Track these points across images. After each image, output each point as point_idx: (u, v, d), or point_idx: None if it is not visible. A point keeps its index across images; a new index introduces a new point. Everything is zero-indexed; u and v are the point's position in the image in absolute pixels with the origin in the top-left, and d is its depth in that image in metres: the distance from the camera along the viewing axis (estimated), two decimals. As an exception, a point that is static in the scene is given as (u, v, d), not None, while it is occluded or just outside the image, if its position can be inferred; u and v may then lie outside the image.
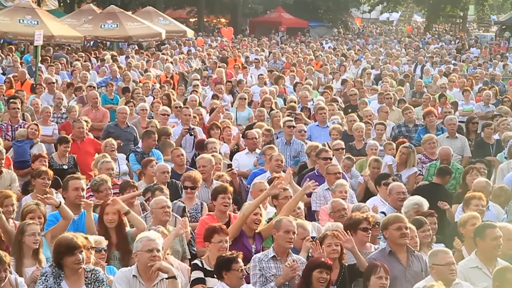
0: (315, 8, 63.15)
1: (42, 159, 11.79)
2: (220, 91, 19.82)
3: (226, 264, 7.36)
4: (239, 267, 7.31)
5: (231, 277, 7.31)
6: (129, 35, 33.16)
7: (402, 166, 13.02)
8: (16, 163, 12.88)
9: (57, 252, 6.90)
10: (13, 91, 18.66)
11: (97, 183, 9.84)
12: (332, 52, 37.58)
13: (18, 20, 30.41)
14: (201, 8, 59.17)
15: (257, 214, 8.81)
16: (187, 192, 10.40)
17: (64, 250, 6.84)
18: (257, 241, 8.83)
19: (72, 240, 6.90)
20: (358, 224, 8.51)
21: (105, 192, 9.67)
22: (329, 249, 7.93)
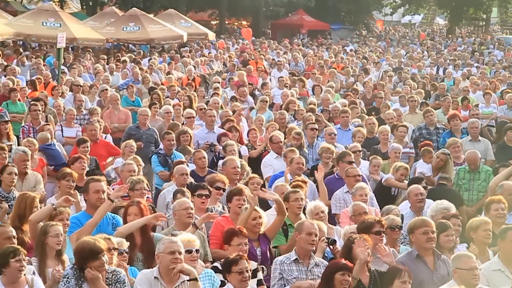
0: (337, 11, 62.96)
1: (82, 161, 11.68)
2: (243, 94, 19.83)
3: (226, 266, 7.41)
4: (238, 269, 7.30)
5: (232, 279, 7.34)
6: (151, 38, 33.26)
7: (436, 172, 12.94)
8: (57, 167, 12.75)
9: (80, 258, 6.93)
10: (37, 93, 18.76)
11: (133, 181, 9.89)
12: (353, 55, 37.48)
13: (41, 23, 30.66)
14: (222, 10, 59.24)
15: (256, 218, 8.82)
16: (218, 193, 10.41)
17: (88, 255, 6.88)
18: (262, 243, 8.84)
19: (95, 244, 6.94)
20: (370, 227, 8.46)
21: (140, 191, 9.72)
22: (359, 251, 7.86)
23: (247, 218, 8.86)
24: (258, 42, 47.16)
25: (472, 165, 12.67)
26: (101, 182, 9.23)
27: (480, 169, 12.71)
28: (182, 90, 20.67)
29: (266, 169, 13.19)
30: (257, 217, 8.84)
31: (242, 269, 7.31)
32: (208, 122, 14.89)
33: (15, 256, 7.01)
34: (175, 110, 16.60)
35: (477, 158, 12.79)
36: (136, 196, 9.63)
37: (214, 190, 10.30)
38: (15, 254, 7.03)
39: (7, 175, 10.40)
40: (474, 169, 12.68)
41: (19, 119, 16.54)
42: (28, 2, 56.74)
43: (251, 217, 8.83)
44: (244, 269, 7.31)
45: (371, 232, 8.37)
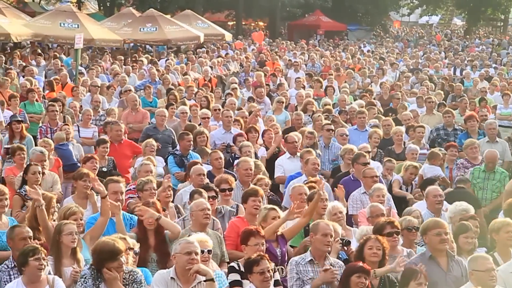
0: (354, 11, 62.88)
1: (94, 161, 11.73)
2: (261, 95, 19.83)
3: (248, 267, 7.41)
4: (259, 270, 7.30)
5: (254, 279, 7.35)
6: (168, 39, 33.33)
7: None
8: (65, 167, 12.92)
9: (99, 258, 6.96)
10: (55, 94, 18.85)
11: (142, 182, 9.92)
12: (370, 56, 37.41)
13: (59, 24, 30.79)
14: (239, 11, 59.27)
15: (275, 218, 8.81)
16: (225, 194, 10.41)
17: (107, 256, 6.90)
18: (281, 243, 8.82)
19: (114, 245, 6.97)
20: (382, 230, 8.47)
21: (150, 192, 9.73)
22: (370, 252, 7.90)
23: (277, 227, 8.79)
24: (275, 43, 47.14)
25: (490, 164, 12.63)
26: (120, 183, 9.24)
27: (495, 169, 12.65)
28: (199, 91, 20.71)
29: (277, 169, 13.24)
30: (277, 217, 8.83)
31: (264, 269, 7.32)
32: (225, 123, 14.90)
33: (34, 255, 7.05)
34: (192, 110, 16.61)
35: (496, 157, 12.76)
36: (146, 197, 9.66)
37: (220, 192, 10.33)
38: (34, 253, 7.07)
39: (32, 174, 10.45)
40: (490, 168, 12.65)
41: (37, 120, 16.63)
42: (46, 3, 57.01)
43: (271, 217, 8.80)
44: (265, 269, 7.32)
45: (382, 235, 8.36)
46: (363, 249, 7.96)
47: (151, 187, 9.81)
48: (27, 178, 10.48)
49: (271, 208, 9.04)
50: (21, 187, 10.41)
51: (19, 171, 11.70)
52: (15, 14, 36.42)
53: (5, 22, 29.94)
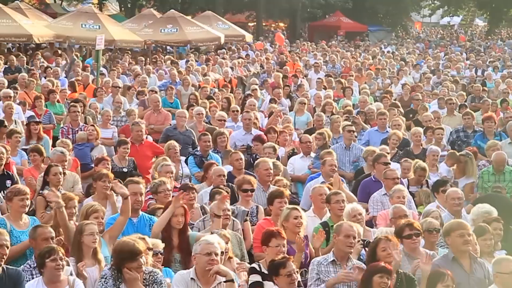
0: (375, 12, 62.70)
1: (105, 162, 11.85)
2: (278, 96, 19.81)
3: (274, 269, 7.39)
4: (286, 272, 7.29)
5: (280, 281, 7.33)
6: (188, 40, 33.42)
7: (460, 174, 12.85)
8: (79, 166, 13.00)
9: (119, 258, 6.98)
10: (77, 95, 18.95)
11: (155, 184, 9.94)
12: (391, 57, 37.29)
13: (80, 25, 30.96)
14: (260, 12, 59.27)
15: (297, 217, 8.77)
16: (246, 195, 10.40)
17: (127, 256, 6.92)
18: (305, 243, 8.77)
19: (134, 245, 6.98)
20: (401, 232, 8.44)
21: (164, 193, 9.74)
22: (384, 253, 7.84)
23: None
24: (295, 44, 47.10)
25: (501, 167, 12.51)
26: (140, 184, 9.25)
27: (504, 170, 12.52)
28: (219, 92, 20.74)
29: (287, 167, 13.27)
30: (298, 216, 8.80)
31: (291, 271, 7.31)
32: (244, 125, 14.90)
33: (50, 256, 7.09)
34: (211, 111, 16.63)
35: (504, 160, 12.63)
36: (161, 199, 9.69)
37: (241, 193, 10.31)
38: (50, 254, 7.10)
39: (53, 176, 10.49)
40: (500, 171, 12.51)
41: (58, 120, 16.72)
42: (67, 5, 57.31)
43: (292, 216, 8.78)
44: (292, 271, 7.32)
45: (402, 237, 8.32)
46: (375, 251, 7.91)
47: (165, 189, 9.82)
48: (48, 180, 10.53)
49: (293, 208, 9.00)
50: (43, 188, 10.46)
51: (37, 172, 11.79)
52: (37, 16, 36.66)
53: (27, 23, 30.17)
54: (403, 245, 8.28)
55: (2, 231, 7.34)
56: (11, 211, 8.84)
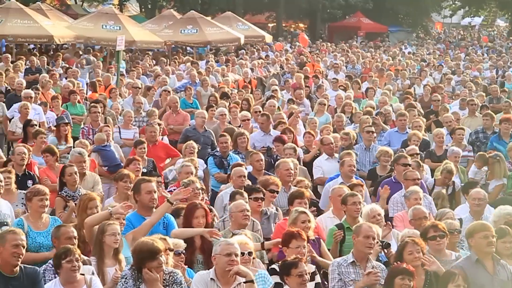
0: (395, 13, 62.51)
1: (136, 162, 11.76)
2: (300, 97, 19.79)
3: (285, 269, 7.40)
4: (297, 272, 7.30)
5: (291, 282, 7.34)
6: (208, 40, 33.49)
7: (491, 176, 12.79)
8: (110, 168, 13.03)
9: (139, 258, 7.00)
10: (97, 95, 19.03)
11: (184, 183, 9.95)
12: (411, 57, 37.14)
13: (101, 26, 31.11)
14: (279, 13, 59.28)
15: (305, 221, 8.74)
16: (272, 196, 10.39)
17: (146, 256, 6.94)
18: (313, 247, 8.76)
19: (153, 245, 7.00)
20: (425, 234, 8.42)
21: (193, 192, 9.75)
22: (410, 256, 7.84)
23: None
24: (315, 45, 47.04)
25: None
26: (152, 182, 9.25)
27: None
28: (239, 93, 20.75)
29: (315, 170, 13.22)
30: (306, 220, 8.77)
31: (302, 272, 7.31)
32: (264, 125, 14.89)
33: (66, 257, 7.12)
34: (231, 112, 16.64)
35: None
36: (190, 198, 9.67)
37: (268, 192, 10.30)
38: (66, 255, 7.13)
39: (68, 176, 10.53)
40: None
41: (79, 121, 16.80)
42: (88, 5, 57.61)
43: (300, 220, 8.76)
44: (303, 272, 7.31)
45: (427, 239, 8.29)
46: (402, 255, 7.89)
47: (194, 187, 9.84)
48: (64, 180, 10.57)
49: (301, 211, 8.95)
50: (61, 189, 10.51)
51: (52, 172, 11.85)
52: (58, 16, 36.88)
53: (48, 24, 30.36)
54: (428, 246, 8.24)
55: (18, 230, 7.36)
56: (30, 211, 8.89)
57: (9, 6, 31.26)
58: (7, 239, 7.09)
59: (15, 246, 7.06)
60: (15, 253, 7.04)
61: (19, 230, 7.39)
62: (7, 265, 7.05)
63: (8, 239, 7.09)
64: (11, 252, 7.04)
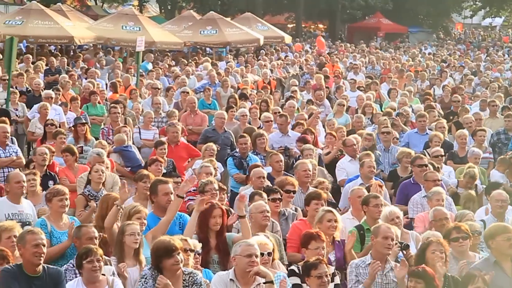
0: (415, 14, 62.30)
1: (158, 163, 11.78)
2: (320, 98, 19.76)
3: (305, 270, 7.40)
4: (317, 274, 7.28)
5: (311, 283, 7.33)
6: (227, 41, 33.55)
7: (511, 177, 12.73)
8: (133, 168, 13.03)
9: (155, 255, 7.00)
10: (117, 96, 19.10)
11: (202, 183, 9.95)
12: (431, 58, 36.97)
13: (121, 27, 31.27)
14: (299, 14, 59.29)
15: (331, 220, 8.73)
16: (288, 196, 10.37)
17: (163, 253, 6.94)
18: (337, 249, 8.76)
19: (169, 242, 7.00)
20: (448, 235, 8.39)
21: (211, 193, 9.75)
22: (433, 255, 7.80)
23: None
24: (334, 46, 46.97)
25: None
26: (169, 184, 9.26)
27: None
28: (258, 94, 20.75)
29: (339, 172, 13.15)
30: (333, 220, 8.76)
31: (322, 273, 7.30)
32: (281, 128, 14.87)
33: (86, 258, 7.15)
34: (251, 113, 16.64)
35: None
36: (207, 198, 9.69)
37: (284, 193, 10.30)
38: (87, 256, 7.16)
39: (94, 172, 10.59)
40: None
41: (99, 122, 16.87)
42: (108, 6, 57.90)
43: (326, 219, 8.75)
44: (323, 274, 7.30)
45: (450, 240, 8.25)
46: (425, 253, 7.85)
47: (212, 188, 9.84)
48: (90, 177, 10.62)
49: (328, 210, 8.97)
50: (85, 187, 10.55)
51: (71, 172, 11.91)
52: (78, 17, 37.11)
53: (69, 25, 30.54)
54: (451, 248, 8.20)
55: (37, 230, 7.38)
56: (51, 211, 8.92)
57: (30, 7, 31.51)
58: (27, 239, 7.12)
59: (35, 245, 7.09)
60: (36, 253, 7.07)
61: (38, 230, 7.41)
62: (29, 265, 7.09)
63: (28, 239, 7.12)
64: (32, 252, 7.07)
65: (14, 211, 9.34)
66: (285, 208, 10.06)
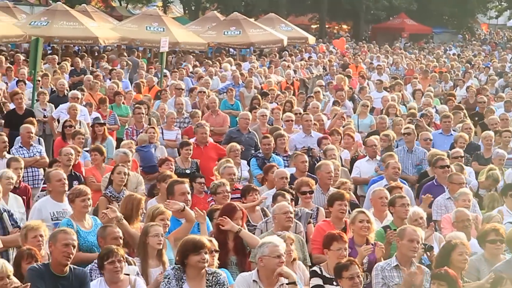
0: (440, 14, 61.96)
1: (169, 163, 11.93)
2: (341, 98, 19.73)
3: (338, 272, 7.39)
4: (349, 275, 7.28)
5: (343, 284, 7.32)
6: (251, 42, 33.56)
7: None
8: (145, 168, 13.14)
9: (182, 251, 7.05)
10: (141, 96, 19.18)
11: (215, 185, 9.99)
12: (456, 59, 36.76)
13: (145, 27, 31.40)
14: (323, 14, 59.18)
15: (362, 221, 8.71)
16: (305, 197, 10.37)
17: (190, 248, 6.98)
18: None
19: (199, 240, 7.06)
20: (485, 236, 8.34)
21: (223, 195, 9.77)
22: (460, 258, 7.78)
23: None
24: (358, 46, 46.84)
25: None
26: (185, 184, 9.27)
27: None
28: (282, 94, 20.74)
29: (353, 170, 13.25)
30: (365, 220, 8.74)
31: (353, 274, 7.30)
32: (305, 127, 14.87)
33: (108, 259, 7.18)
34: (274, 114, 16.64)
35: None
36: (219, 200, 9.74)
37: (300, 194, 10.29)
38: (108, 257, 7.19)
39: (117, 174, 10.59)
40: None
41: (123, 122, 16.94)
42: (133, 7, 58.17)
43: (358, 219, 8.73)
44: (355, 275, 7.30)
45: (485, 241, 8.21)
46: (450, 255, 7.81)
47: (224, 190, 9.86)
48: (112, 178, 10.68)
49: (360, 211, 8.96)
50: (107, 188, 10.62)
51: (98, 171, 11.97)
52: (103, 18, 37.30)
53: (94, 26, 30.72)
54: (484, 249, 8.13)
55: (69, 230, 7.44)
56: (74, 212, 8.97)
57: (55, 8, 31.75)
58: (58, 238, 7.18)
59: (66, 245, 7.14)
60: (65, 253, 7.12)
61: (70, 230, 7.47)
62: (57, 264, 7.14)
63: (59, 238, 7.18)
64: (61, 251, 7.12)
65: (58, 209, 9.43)
66: (299, 208, 10.04)
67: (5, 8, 37.34)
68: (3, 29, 28.67)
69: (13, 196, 10.26)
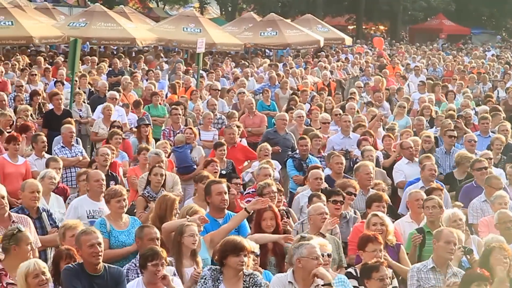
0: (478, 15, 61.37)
1: (214, 164, 11.85)
2: (379, 99, 19.63)
3: (366, 273, 7.36)
4: (379, 276, 7.25)
5: (371, 285, 7.29)
6: (288, 43, 33.55)
7: None
8: (180, 169, 13.19)
9: (222, 251, 7.08)
10: (176, 97, 19.25)
11: (261, 186, 9.97)
12: (495, 60, 36.36)
13: (182, 28, 31.60)
14: (360, 15, 58.95)
15: (376, 224, 8.66)
16: (349, 198, 10.33)
17: (231, 249, 7.01)
18: (390, 252, 8.63)
19: (240, 242, 7.09)
20: None
21: (269, 195, 9.77)
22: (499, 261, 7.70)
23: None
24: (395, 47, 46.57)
25: None
26: (222, 183, 9.29)
27: None
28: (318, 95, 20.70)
29: (397, 174, 13.02)
30: (378, 223, 8.69)
31: (383, 276, 7.27)
32: (344, 128, 14.83)
33: (152, 260, 7.19)
34: (312, 115, 16.61)
35: None
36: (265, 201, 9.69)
37: (346, 195, 10.26)
38: (152, 258, 7.20)
39: (153, 176, 10.67)
40: None
41: (160, 123, 17.03)
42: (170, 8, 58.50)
43: (372, 222, 8.69)
44: (384, 276, 7.28)
45: None
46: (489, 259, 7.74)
47: (270, 191, 9.85)
48: (150, 179, 10.74)
49: (373, 214, 8.90)
50: (145, 188, 10.68)
51: (141, 171, 12.02)
52: (140, 19, 37.61)
53: (131, 27, 30.98)
54: None
55: (90, 230, 7.47)
56: (110, 212, 9.03)
57: (93, 10, 32.10)
58: (82, 241, 7.24)
59: (91, 246, 7.18)
60: (93, 253, 7.17)
61: (91, 230, 7.48)
62: (89, 264, 7.19)
63: (83, 240, 7.23)
64: (89, 252, 7.17)
65: (94, 208, 9.54)
66: (346, 211, 10.03)
67: (44, 9, 37.88)
68: (42, 30, 29.04)
69: (54, 196, 10.41)
